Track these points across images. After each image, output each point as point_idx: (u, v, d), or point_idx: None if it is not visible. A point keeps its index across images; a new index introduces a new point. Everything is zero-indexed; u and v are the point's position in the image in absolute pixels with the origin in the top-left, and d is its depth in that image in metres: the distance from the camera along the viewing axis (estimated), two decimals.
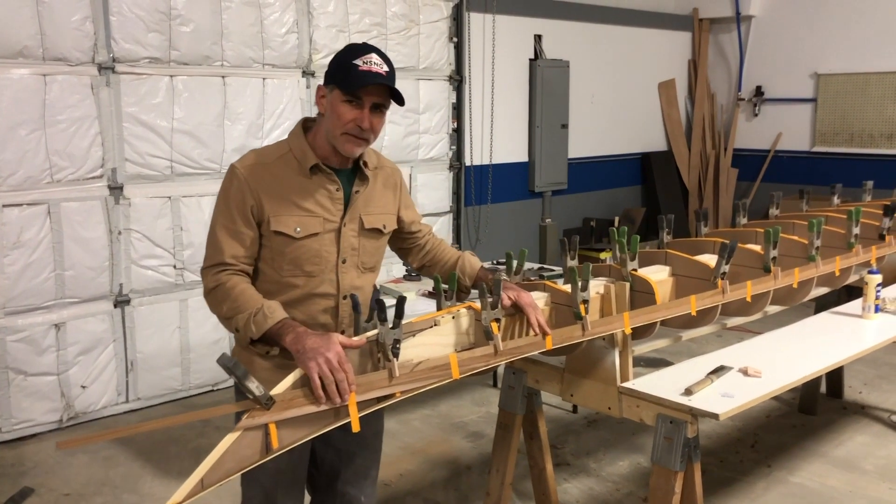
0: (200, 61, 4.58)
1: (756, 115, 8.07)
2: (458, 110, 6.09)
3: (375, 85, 1.94)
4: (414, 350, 1.97)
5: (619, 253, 2.60)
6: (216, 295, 1.96)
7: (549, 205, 7.07)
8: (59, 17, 4.04)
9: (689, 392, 2.37)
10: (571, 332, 2.25)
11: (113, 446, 4.02)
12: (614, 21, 7.44)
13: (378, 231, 2.16)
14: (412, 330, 1.99)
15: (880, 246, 3.55)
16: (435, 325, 2.06)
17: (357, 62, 1.94)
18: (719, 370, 2.57)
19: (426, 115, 5.80)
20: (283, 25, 4.89)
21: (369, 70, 1.93)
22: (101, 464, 3.87)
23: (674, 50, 8.21)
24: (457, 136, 6.12)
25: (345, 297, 2.08)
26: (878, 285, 3.22)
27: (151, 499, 3.54)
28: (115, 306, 4.42)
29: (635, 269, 2.60)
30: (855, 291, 3.51)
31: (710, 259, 2.80)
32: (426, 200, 5.94)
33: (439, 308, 2.19)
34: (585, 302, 2.25)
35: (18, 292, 4.07)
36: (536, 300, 2.27)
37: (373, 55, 1.96)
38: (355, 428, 1.78)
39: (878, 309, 3.23)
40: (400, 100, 1.99)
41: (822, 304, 3.74)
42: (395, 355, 1.85)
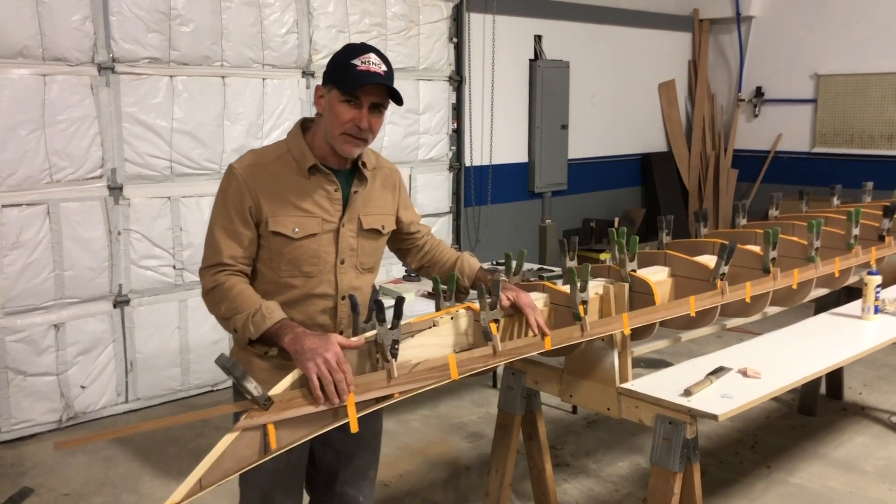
0: (200, 61, 4.58)
1: (756, 115, 8.07)
2: (457, 111, 6.08)
3: (374, 84, 1.94)
4: (412, 351, 1.97)
5: (618, 254, 2.60)
6: (214, 295, 1.95)
7: (549, 205, 7.07)
8: (59, 17, 4.04)
9: (688, 393, 2.37)
10: (570, 333, 2.25)
11: (112, 446, 4.02)
12: (614, 21, 7.44)
13: (377, 232, 2.15)
14: (411, 330, 1.99)
15: (880, 247, 3.55)
16: (434, 325, 2.06)
17: (355, 62, 1.94)
18: (718, 371, 2.57)
19: (426, 116, 5.80)
20: (283, 26, 4.89)
21: (368, 70, 1.93)
22: (101, 464, 3.87)
23: (674, 50, 8.21)
24: (457, 136, 6.12)
25: (343, 297, 2.08)
26: (878, 286, 3.22)
27: (151, 499, 3.54)
28: (115, 306, 4.42)
29: (634, 270, 2.61)
30: (855, 292, 3.50)
31: (709, 260, 2.80)
32: (426, 201, 5.94)
33: (438, 309, 2.18)
34: (584, 303, 2.25)
35: (18, 292, 4.08)
36: (535, 301, 2.26)
37: (371, 55, 1.96)
38: (354, 428, 1.78)
39: (877, 310, 3.23)
40: (398, 99, 1.99)
41: (822, 305, 3.74)
42: (394, 356, 1.84)
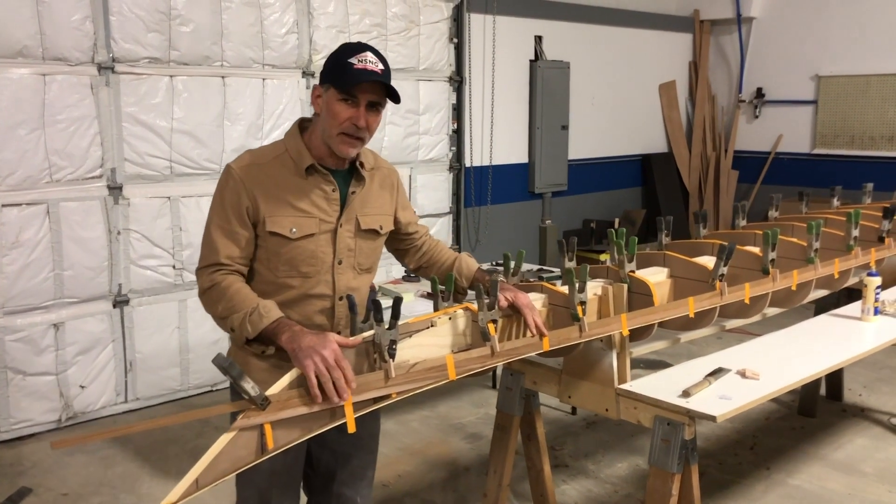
0: (200, 61, 4.58)
1: (757, 116, 8.06)
2: (458, 111, 6.08)
3: (371, 83, 1.94)
4: (410, 351, 1.96)
5: (616, 254, 2.60)
6: (211, 295, 1.95)
7: (549, 206, 7.06)
8: (59, 16, 4.04)
9: (686, 394, 2.37)
10: (569, 334, 2.24)
11: (111, 446, 4.02)
12: (615, 22, 7.43)
13: (375, 232, 2.15)
14: (409, 331, 1.99)
15: (879, 248, 3.54)
16: (432, 325, 2.05)
17: (352, 60, 1.93)
18: (717, 372, 2.56)
19: (426, 116, 5.80)
20: (283, 26, 4.89)
21: (364, 68, 1.93)
22: (100, 464, 3.87)
23: (674, 51, 8.20)
24: (457, 137, 6.11)
25: (341, 298, 2.08)
26: (878, 288, 3.21)
27: (149, 499, 3.54)
28: (114, 306, 4.42)
29: (633, 271, 2.60)
30: (855, 294, 3.50)
31: (708, 261, 2.79)
32: (426, 201, 5.94)
33: (436, 309, 2.18)
34: (583, 303, 2.25)
35: (17, 292, 4.07)
36: (534, 301, 2.26)
37: (368, 53, 1.96)
38: (351, 429, 1.77)
39: (877, 311, 3.22)
40: (396, 98, 1.99)
41: (822, 307, 3.73)
42: (392, 356, 1.84)
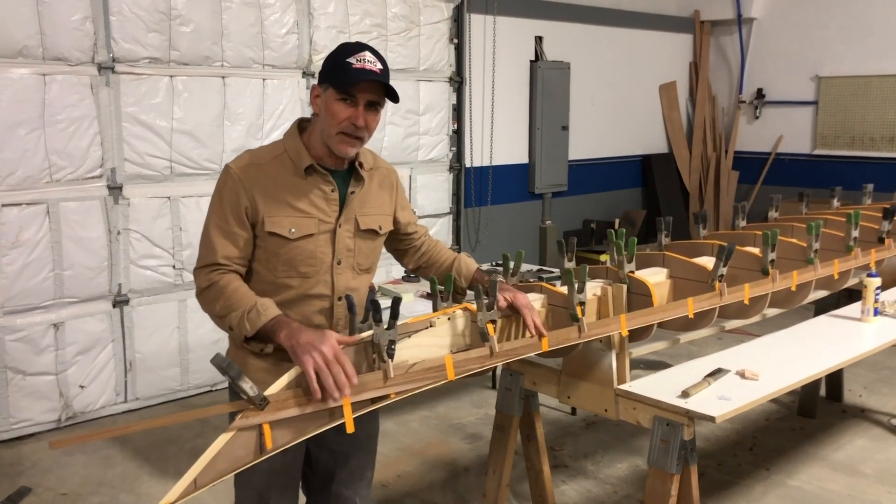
0: (200, 61, 4.58)
1: (757, 117, 8.06)
2: (458, 112, 6.08)
3: (369, 82, 1.94)
4: (409, 351, 1.96)
5: (616, 255, 2.59)
6: (209, 294, 1.95)
7: (550, 206, 7.06)
8: (59, 16, 4.04)
9: (685, 394, 2.37)
10: (568, 334, 2.24)
11: (110, 446, 4.02)
12: (615, 23, 7.43)
13: (374, 232, 2.15)
14: (407, 331, 1.98)
15: (879, 249, 3.54)
16: (430, 326, 2.05)
17: (350, 60, 1.93)
18: (716, 373, 2.56)
19: (426, 117, 5.80)
20: (283, 26, 4.89)
21: (363, 68, 1.93)
22: (99, 464, 3.87)
23: (675, 52, 8.20)
24: (457, 137, 6.12)
25: (340, 298, 2.08)
26: (878, 288, 3.21)
27: (148, 499, 3.54)
28: (114, 306, 4.42)
29: (633, 272, 2.60)
30: (855, 294, 3.50)
31: (708, 261, 2.79)
32: (426, 202, 5.94)
33: (435, 309, 2.18)
34: (582, 304, 2.25)
35: (17, 292, 4.08)
36: (533, 302, 2.26)
37: (366, 53, 1.95)
38: (350, 429, 1.77)
39: (877, 312, 3.22)
40: (394, 97, 1.99)
41: (822, 308, 3.73)
42: (390, 356, 1.84)
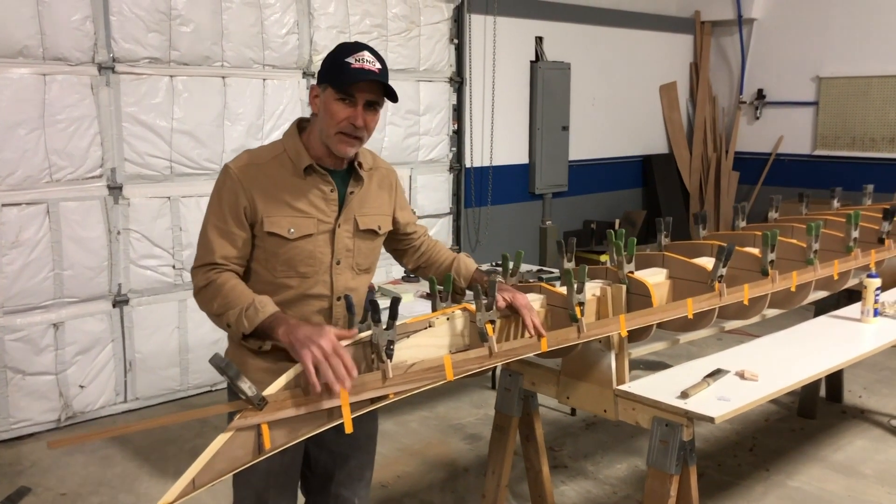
0: (200, 62, 4.58)
1: (757, 118, 8.06)
2: (458, 112, 6.08)
3: (368, 82, 1.94)
4: (408, 351, 1.96)
5: (615, 255, 2.59)
6: (206, 293, 1.95)
7: (550, 207, 7.06)
8: (60, 16, 4.04)
9: (684, 395, 2.37)
10: (567, 335, 2.24)
11: (110, 446, 4.02)
12: (615, 23, 7.43)
13: (373, 232, 2.15)
14: (406, 331, 1.98)
15: (879, 250, 3.53)
16: (429, 326, 2.05)
17: (349, 60, 1.93)
18: (716, 373, 2.56)
19: (426, 117, 5.80)
20: (283, 26, 4.89)
21: (362, 67, 1.92)
22: (99, 463, 3.87)
23: (675, 53, 8.20)
24: (457, 137, 6.12)
25: (339, 298, 2.08)
26: (877, 289, 3.21)
27: (148, 499, 3.54)
28: (114, 306, 4.42)
29: (632, 272, 2.60)
30: (855, 295, 3.50)
31: (707, 262, 2.78)
32: (426, 202, 5.94)
33: (434, 309, 2.18)
34: (581, 304, 2.24)
35: (17, 291, 4.08)
36: (532, 302, 2.26)
37: (365, 52, 1.95)
38: (348, 429, 1.77)
39: (876, 313, 3.22)
40: (393, 97, 1.98)
41: (822, 308, 3.72)
42: (389, 356, 1.84)
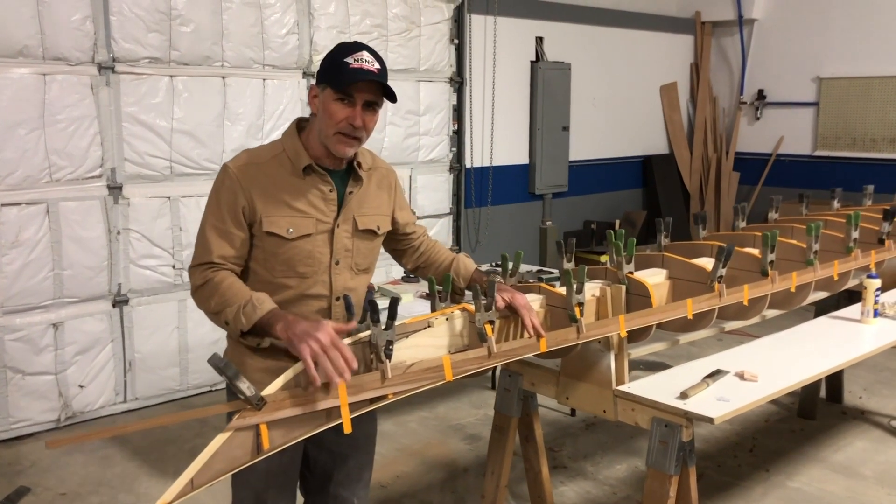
0: (200, 61, 4.58)
1: (758, 118, 8.06)
2: (458, 112, 6.08)
3: (367, 82, 1.93)
4: (407, 352, 1.96)
5: (615, 256, 2.59)
6: (204, 291, 1.95)
7: (550, 207, 7.06)
8: (60, 16, 4.04)
9: (684, 396, 2.37)
10: (566, 335, 2.24)
11: (110, 446, 4.02)
12: (616, 24, 7.43)
13: (372, 232, 2.14)
14: (405, 331, 1.98)
15: (879, 250, 3.53)
16: (428, 326, 2.05)
17: (348, 60, 1.93)
18: (715, 374, 2.56)
19: (427, 117, 5.80)
20: (283, 26, 4.89)
21: (360, 67, 1.92)
22: (98, 463, 3.87)
23: (676, 53, 8.20)
24: (457, 137, 6.11)
25: (337, 298, 2.07)
26: (877, 290, 3.20)
27: (148, 499, 3.54)
28: (114, 306, 4.42)
29: (632, 272, 2.59)
30: (856, 296, 3.49)
31: (707, 262, 2.78)
32: (426, 202, 5.93)
33: (433, 309, 2.18)
34: (580, 304, 2.24)
35: (16, 291, 4.07)
36: (531, 302, 2.26)
37: (364, 52, 1.95)
38: (347, 429, 1.77)
39: (876, 314, 3.22)
40: (392, 97, 1.98)
41: (823, 309, 3.72)
42: (388, 357, 1.84)
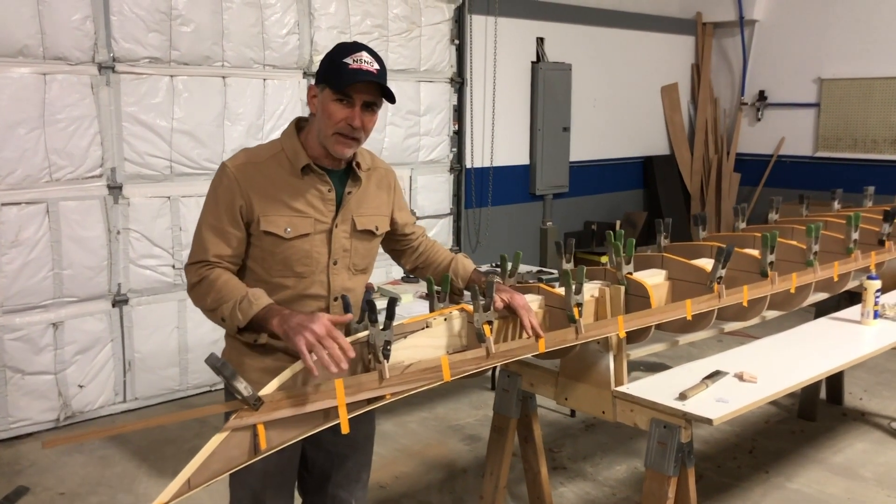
0: (201, 61, 4.57)
1: (759, 119, 8.05)
2: (459, 112, 6.07)
3: (366, 83, 1.93)
4: (405, 352, 1.96)
5: (614, 256, 2.59)
6: (200, 289, 1.95)
7: (550, 208, 7.05)
8: (60, 16, 4.04)
9: (683, 397, 2.36)
10: (565, 336, 2.24)
11: (109, 446, 4.02)
12: (617, 24, 7.42)
13: (370, 233, 2.14)
14: (403, 331, 1.98)
15: (880, 251, 3.53)
16: (427, 326, 2.05)
17: (347, 60, 1.92)
18: (715, 375, 2.55)
19: (427, 118, 5.79)
20: (283, 26, 4.89)
21: (360, 68, 1.92)
22: (97, 463, 3.87)
23: (677, 54, 8.19)
24: (458, 138, 6.11)
25: (335, 298, 2.07)
26: (878, 291, 3.20)
27: (147, 499, 3.53)
28: (114, 306, 4.42)
29: (631, 273, 2.59)
30: (856, 297, 3.49)
31: (706, 263, 2.78)
32: (426, 203, 5.93)
33: (432, 310, 2.18)
34: (579, 305, 2.24)
35: (16, 291, 4.07)
36: (530, 303, 2.25)
37: (363, 53, 1.94)
38: (345, 429, 1.77)
39: (877, 315, 3.21)
40: (391, 98, 1.98)
41: (823, 310, 3.72)
42: (386, 357, 1.83)
